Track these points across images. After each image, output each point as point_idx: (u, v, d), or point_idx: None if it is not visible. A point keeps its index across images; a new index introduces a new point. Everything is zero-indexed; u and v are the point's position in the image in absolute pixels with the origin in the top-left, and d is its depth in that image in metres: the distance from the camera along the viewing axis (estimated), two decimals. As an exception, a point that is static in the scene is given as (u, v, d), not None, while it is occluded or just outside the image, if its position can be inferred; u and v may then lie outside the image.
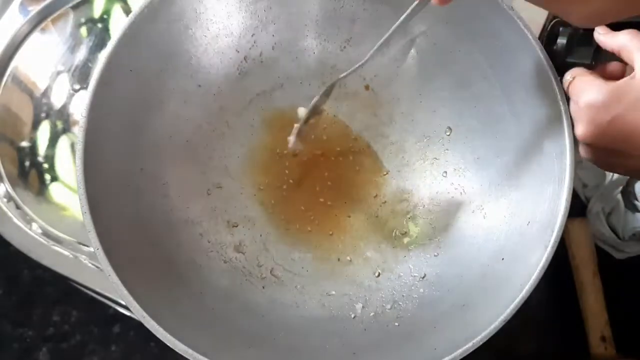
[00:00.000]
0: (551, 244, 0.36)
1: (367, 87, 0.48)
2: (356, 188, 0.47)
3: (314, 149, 0.47)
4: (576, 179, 0.52)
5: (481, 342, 0.35)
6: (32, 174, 0.49)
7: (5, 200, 0.48)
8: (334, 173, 0.47)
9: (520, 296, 0.35)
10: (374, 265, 0.45)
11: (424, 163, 0.47)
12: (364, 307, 0.43)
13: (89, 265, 0.46)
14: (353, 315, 0.42)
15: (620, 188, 0.51)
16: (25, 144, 0.50)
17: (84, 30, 0.52)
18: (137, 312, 0.34)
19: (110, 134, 0.38)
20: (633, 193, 0.50)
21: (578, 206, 0.53)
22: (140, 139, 0.41)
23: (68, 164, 0.50)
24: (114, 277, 0.34)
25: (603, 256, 0.51)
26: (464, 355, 0.34)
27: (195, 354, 0.34)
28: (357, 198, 0.47)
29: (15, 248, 0.47)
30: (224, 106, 0.46)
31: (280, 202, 0.46)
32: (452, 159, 0.46)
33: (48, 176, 0.49)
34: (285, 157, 0.47)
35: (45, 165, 0.49)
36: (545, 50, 0.38)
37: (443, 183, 0.46)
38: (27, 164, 0.49)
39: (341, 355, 0.39)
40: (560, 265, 0.51)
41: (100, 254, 0.35)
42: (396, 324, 0.41)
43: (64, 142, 0.50)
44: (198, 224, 0.44)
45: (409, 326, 0.41)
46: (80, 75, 0.51)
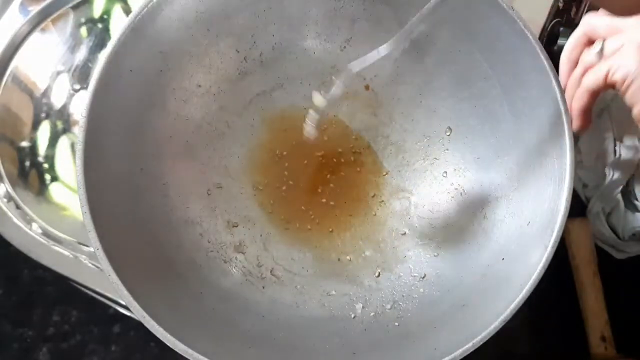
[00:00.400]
0: (551, 244, 0.36)
1: (367, 87, 0.48)
2: (356, 188, 0.47)
3: (315, 150, 0.47)
4: (576, 179, 0.52)
5: (481, 342, 0.35)
6: (32, 174, 0.49)
7: (5, 200, 0.48)
8: (335, 174, 0.47)
9: (520, 296, 0.35)
10: (374, 265, 0.45)
11: (424, 163, 0.47)
12: (364, 307, 0.43)
13: (89, 265, 0.46)
14: (353, 315, 0.42)
15: (620, 188, 0.50)
16: (25, 144, 0.50)
17: (84, 30, 0.52)
18: (137, 312, 0.34)
19: (110, 134, 0.38)
20: (633, 193, 0.50)
21: (578, 206, 0.52)
22: (140, 139, 0.41)
23: (68, 164, 0.49)
24: (114, 277, 0.34)
25: (603, 256, 0.51)
26: (464, 355, 0.34)
27: (195, 354, 0.34)
28: (357, 198, 0.47)
29: (15, 248, 0.47)
30: (224, 106, 0.46)
31: (280, 202, 0.46)
32: (452, 159, 0.46)
33: (48, 176, 0.49)
34: (285, 158, 0.47)
35: (45, 165, 0.49)
36: (545, 50, 0.38)
37: (443, 183, 0.46)
38: (27, 164, 0.49)
39: (341, 355, 0.39)
40: (560, 265, 0.51)
41: (100, 254, 0.34)
42: (396, 324, 0.41)
43: (64, 142, 0.50)
44: (198, 224, 0.44)
45: (409, 326, 0.41)
46: (80, 75, 0.51)
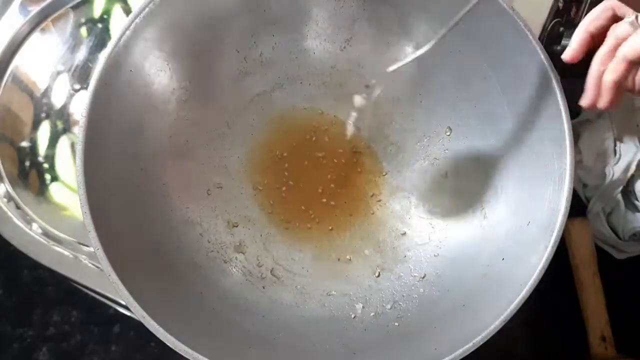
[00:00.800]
0: (551, 244, 0.36)
1: (367, 87, 0.48)
2: (356, 188, 0.47)
3: (316, 151, 0.47)
4: (576, 179, 0.52)
5: (481, 342, 0.35)
6: (32, 174, 0.49)
7: (5, 200, 0.48)
8: (335, 174, 0.47)
9: (520, 296, 0.35)
10: (374, 265, 0.45)
11: (424, 163, 0.47)
12: (364, 307, 0.43)
13: (89, 265, 0.46)
14: (353, 315, 0.42)
15: (621, 188, 0.50)
16: (25, 144, 0.50)
17: (84, 30, 0.52)
18: (137, 312, 0.34)
19: (110, 134, 0.38)
20: (633, 193, 0.50)
21: (578, 206, 0.52)
22: (140, 138, 0.41)
23: (68, 164, 0.49)
24: (114, 277, 0.34)
25: (603, 256, 0.51)
26: (464, 355, 0.34)
27: (195, 354, 0.34)
28: (358, 198, 0.47)
29: (15, 248, 0.47)
30: (224, 106, 0.46)
31: (280, 202, 0.46)
32: (452, 159, 0.46)
33: (48, 176, 0.49)
34: (286, 158, 0.47)
35: (45, 165, 0.49)
36: (545, 50, 0.38)
37: (443, 183, 0.46)
38: (27, 164, 0.49)
39: (341, 355, 0.39)
40: (560, 265, 0.51)
41: (100, 254, 0.34)
42: (396, 324, 0.41)
43: (64, 142, 0.50)
44: (198, 224, 0.44)
45: (409, 326, 0.41)
46: (80, 75, 0.51)
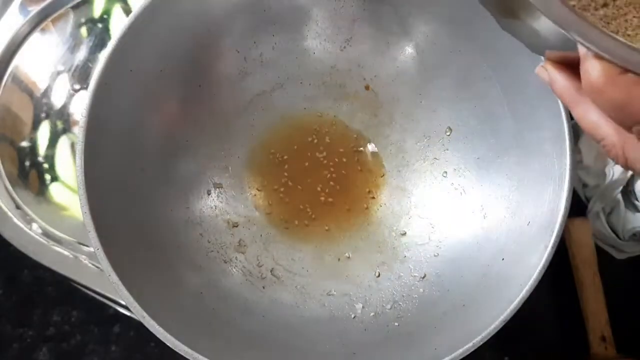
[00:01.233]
0: (551, 244, 0.36)
1: (367, 87, 0.48)
2: (356, 188, 0.47)
3: (316, 151, 0.47)
4: (576, 179, 0.52)
5: (481, 342, 0.34)
6: (32, 174, 0.49)
7: (5, 200, 0.48)
8: (336, 174, 0.47)
9: (520, 296, 0.35)
10: (374, 265, 0.45)
11: (424, 163, 0.47)
12: (364, 307, 0.43)
13: (89, 265, 0.46)
14: (353, 315, 0.42)
15: (621, 188, 0.50)
16: (25, 144, 0.50)
17: (84, 30, 0.52)
18: (137, 312, 0.34)
19: (110, 134, 0.38)
20: (633, 193, 0.50)
21: (578, 206, 0.52)
22: (140, 139, 0.41)
23: (68, 164, 0.49)
24: (114, 277, 0.34)
25: (603, 256, 0.51)
26: (464, 355, 0.34)
27: (195, 354, 0.34)
28: (357, 197, 0.47)
29: (15, 248, 0.47)
30: (224, 106, 0.46)
31: (280, 202, 0.46)
32: (452, 159, 0.46)
33: (48, 176, 0.49)
34: (286, 158, 0.47)
35: (45, 165, 0.49)
36: (545, 50, 0.38)
37: (443, 183, 0.46)
38: (27, 164, 0.49)
39: (341, 355, 0.39)
40: (560, 265, 0.51)
41: (100, 254, 0.34)
42: (396, 324, 0.41)
43: (64, 142, 0.50)
44: (198, 224, 0.44)
45: (409, 326, 0.41)
46: (80, 75, 0.51)
